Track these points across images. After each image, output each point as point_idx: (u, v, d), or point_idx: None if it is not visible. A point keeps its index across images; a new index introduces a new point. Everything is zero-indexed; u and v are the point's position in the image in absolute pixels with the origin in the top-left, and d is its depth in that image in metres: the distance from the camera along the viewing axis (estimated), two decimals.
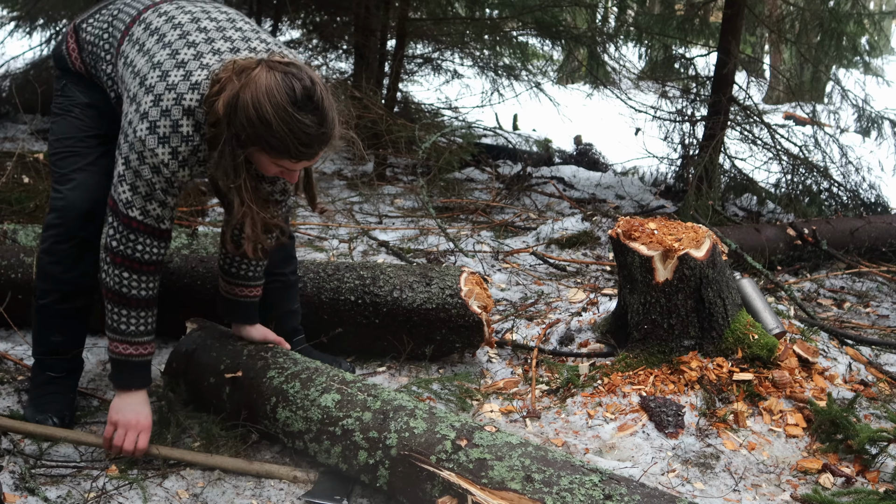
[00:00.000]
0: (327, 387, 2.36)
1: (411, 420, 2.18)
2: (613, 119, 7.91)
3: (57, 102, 2.47)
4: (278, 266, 2.78)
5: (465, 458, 2.04)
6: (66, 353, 2.54)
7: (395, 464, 2.14)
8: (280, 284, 2.81)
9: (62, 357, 2.54)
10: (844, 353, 3.17)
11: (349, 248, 4.55)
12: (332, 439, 2.27)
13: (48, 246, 2.44)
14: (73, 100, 2.43)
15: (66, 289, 2.46)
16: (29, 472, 2.22)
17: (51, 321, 2.51)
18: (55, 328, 2.52)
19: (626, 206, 6.16)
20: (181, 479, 2.30)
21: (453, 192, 5.87)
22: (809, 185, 5.84)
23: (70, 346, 2.55)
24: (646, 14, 7.57)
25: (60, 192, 2.40)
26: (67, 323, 2.53)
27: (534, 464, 2.00)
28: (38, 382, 2.55)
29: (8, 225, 3.66)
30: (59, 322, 2.51)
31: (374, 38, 6.56)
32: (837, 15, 6.16)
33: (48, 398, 2.51)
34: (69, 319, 2.52)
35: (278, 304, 2.83)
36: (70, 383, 2.57)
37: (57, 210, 2.40)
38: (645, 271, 2.86)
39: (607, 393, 2.83)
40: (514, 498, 1.93)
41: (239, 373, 2.50)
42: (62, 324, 2.52)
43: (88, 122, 2.42)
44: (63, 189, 2.39)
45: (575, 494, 1.90)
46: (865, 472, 2.52)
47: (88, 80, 2.42)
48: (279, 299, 2.83)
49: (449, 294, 3.03)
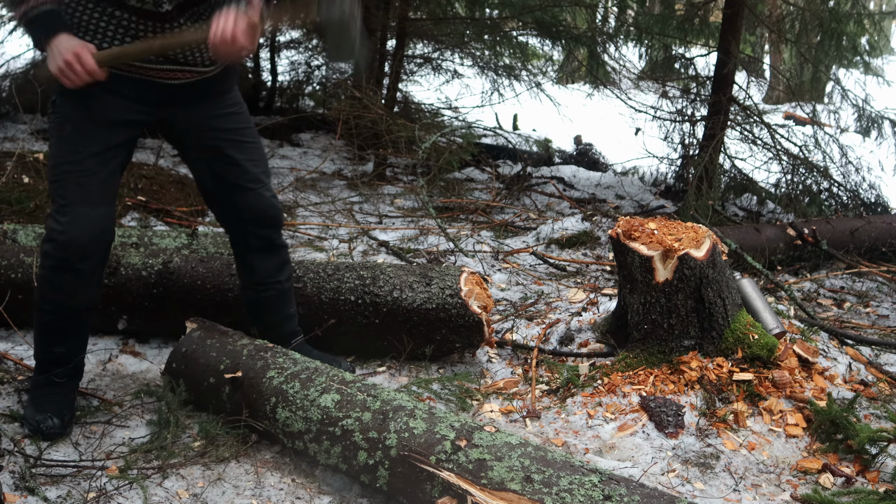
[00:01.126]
0: (327, 387, 2.36)
1: (411, 420, 2.18)
2: (613, 119, 7.91)
3: (51, 121, 2.40)
4: (273, 274, 2.76)
5: (465, 458, 2.04)
6: (68, 361, 2.52)
7: (395, 464, 2.14)
8: (275, 292, 2.79)
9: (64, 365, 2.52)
10: (844, 353, 3.17)
11: (349, 248, 4.55)
12: (331, 439, 2.27)
13: (47, 274, 2.39)
14: (66, 115, 2.36)
15: (68, 310, 2.45)
16: (29, 472, 2.22)
17: (52, 335, 2.49)
18: (57, 341, 2.49)
19: (626, 206, 6.16)
20: (181, 479, 2.30)
21: (453, 192, 5.87)
22: (809, 185, 5.84)
23: (72, 356, 2.53)
24: (646, 14, 7.57)
25: (60, 224, 2.34)
26: (70, 336, 2.51)
27: (533, 464, 2.00)
28: (39, 383, 2.54)
29: (8, 225, 3.66)
30: (60, 335, 2.49)
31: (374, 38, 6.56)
32: (837, 15, 6.15)
33: (48, 398, 2.50)
34: (71, 333, 2.51)
35: (275, 310, 2.83)
36: (71, 385, 2.56)
37: (55, 242, 2.35)
38: (645, 271, 2.86)
39: (607, 393, 2.83)
40: (513, 498, 1.93)
41: (239, 373, 2.50)
42: (64, 337, 2.50)
43: (84, 139, 2.35)
44: (63, 222, 2.34)
45: (574, 495, 1.90)
46: (865, 472, 2.52)
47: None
48: (276, 306, 2.82)
49: (449, 294, 3.02)
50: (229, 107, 2.57)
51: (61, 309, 2.44)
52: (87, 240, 2.36)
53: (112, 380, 2.90)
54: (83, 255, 2.36)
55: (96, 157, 2.36)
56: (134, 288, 3.09)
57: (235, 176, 2.58)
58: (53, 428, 2.44)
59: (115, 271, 3.10)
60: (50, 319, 2.46)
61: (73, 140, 2.35)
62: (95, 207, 2.37)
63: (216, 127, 2.54)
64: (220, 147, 2.55)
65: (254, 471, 2.37)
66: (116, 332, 3.20)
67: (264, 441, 2.48)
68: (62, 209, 2.35)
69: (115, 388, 2.84)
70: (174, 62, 2.38)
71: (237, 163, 2.57)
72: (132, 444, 2.47)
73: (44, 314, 2.46)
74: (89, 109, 2.35)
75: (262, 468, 2.38)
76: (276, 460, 2.43)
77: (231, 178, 2.58)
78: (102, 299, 3.08)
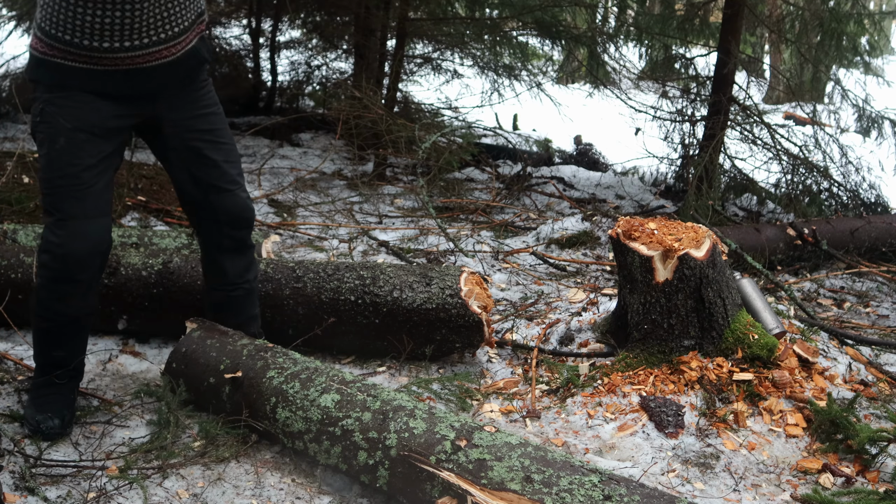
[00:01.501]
0: (327, 387, 2.36)
1: (411, 420, 2.18)
2: (613, 119, 7.90)
3: (39, 132, 2.36)
4: (241, 275, 2.75)
5: (465, 458, 2.04)
6: (68, 364, 2.52)
7: (395, 464, 2.14)
8: (243, 292, 2.78)
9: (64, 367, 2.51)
10: (844, 353, 3.17)
11: (349, 248, 4.55)
12: (331, 439, 2.27)
13: (46, 283, 2.39)
14: (57, 127, 2.33)
15: (67, 318, 2.45)
16: (29, 472, 2.22)
17: (51, 340, 2.49)
18: (56, 346, 2.49)
19: (626, 206, 6.16)
20: (181, 479, 2.30)
21: (453, 192, 5.87)
22: (809, 185, 5.84)
23: (72, 358, 2.52)
24: (646, 14, 7.56)
25: (58, 237, 2.33)
26: (69, 340, 2.50)
27: (533, 464, 2.00)
28: (39, 384, 2.53)
29: (8, 225, 3.66)
30: (59, 340, 2.49)
31: (374, 38, 6.56)
32: (838, 15, 6.15)
33: (48, 399, 2.50)
34: (70, 337, 2.50)
35: (241, 311, 2.82)
36: (71, 385, 2.56)
37: (53, 254, 2.35)
38: (645, 271, 2.86)
39: (607, 393, 2.83)
40: (513, 498, 1.93)
41: (239, 373, 2.50)
42: (63, 341, 2.49)
43: (79, 152, 2.33)
44: (60, 235, 2.33)
45: (574, 495, 1.90)
46: (865, 472, 2.52)
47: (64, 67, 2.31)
48: (243, 306, 2.81)
49: (449, 294, 3.02)
50: (206, 107, 2.57)
51: (60, 316, 2.44)
52: (86, 252, 2.36)
53: (112, 380, 2.90)
54: (82, 267, 2.37)
55: (92, 170, 2.35)
56: (134, 288, 3.09)
57: (214, 177, 2.58)
58: (54, 428, 2.44)
59: (115, 271, 3.10)
60: (49, 326, 2.46)
61: (68, 153, 2.32)
62: (93, 220, 2.37)
63: (195, 128, 2.54)
64: (199, 148, 2.55)
65: (254, 471, 2.37)
66: (116, 332, 3.20)
67: (264, 441, 2.48)
68: (59, 223, 2.34)
69: (115, 388, 2.84)
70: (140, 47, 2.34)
71: (215, 164, 2.57)
72: (132, 444, 2.47)
73: (42, 321, 2.46)
74: (80, 119, 2.33)
75: (262, 468, 2.38)
76: (276, 460, 2.43)
77: (209, 180, 2.58)
78: (102, 299, 3.10)
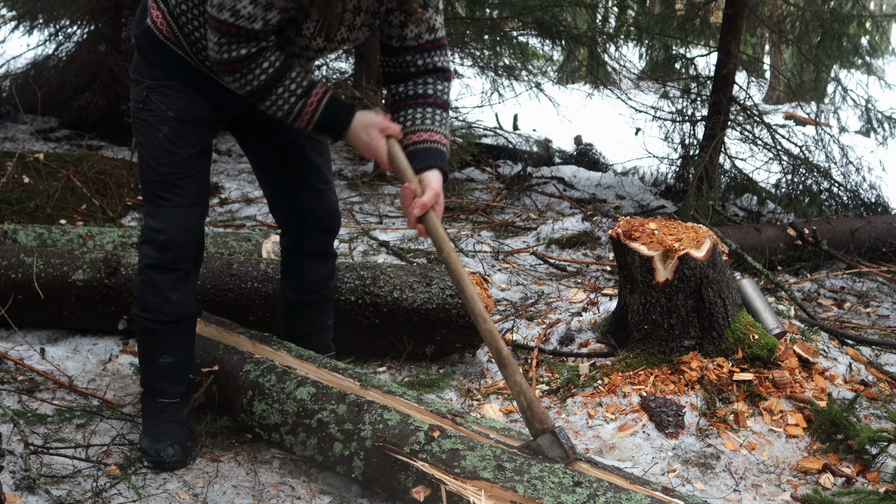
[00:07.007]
0: (302, 380, 2.38)
1: (385, 412, 2.23)
2: (613, 119, 7.90)
3: (141, 118, 2.35)
4: (320, 282, 2.68)
5: (438, 448, 2.09)
6: (176, 375, 2.44)
7: (370, 455, 2.18)
8: (319, 297, 2.70)
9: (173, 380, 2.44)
10: (845, 353, 3.17)
11: (349, 248, 4.55)
12: (307, 431, 2.31)
13: (148, 278, 2.36)
14: (161, 115, 2.32)
15: (169, 317, 2.39)
16: (29, 472, 2.22)
17: (156, 342, 2.41)
18: (162, 349, 2.41)
19: (627, 206, 6.16)
20: (181, 479, 2.30)
21: (453, 192, 5.87)
22: (810, 185, 5.84)
23: (180, 367, 2.45)
24: (646, 14, 7.57)
25: (160, 225, 2.33)
26: (174, 343, 2.43)
27: (505, 453, 2.04)
28: (152, 412, 2.43)
29: (8, 225, 3.66)
30: (165, 343, 2.41)
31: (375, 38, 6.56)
32: (838, 16, 6.15)
33: (164, 427, 2.39)
34: (175, 338, 2.43)
35: (312, 319, 2.73)
36: (183, 404, 2.47)
37: (155, 243, 2.33)
38: (645, 271, 2.86)
39: (607, 393, 2.83)
40: (486, 486, 1.97)
41: (215, 367, 2.52)
42: (169, 344, 2.42)
43: (180, 142, 2.33)
44: (163, 222, 2.32)
45: (545, 482, 1.94)
46: (865, 472, 2.52)
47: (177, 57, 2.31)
48: (315, 313, 2.73)
49: (449, 294, 3.03)
50: None
51: (163, 315, 2.38)
52: (186, 240, 2.36)
53: (112, 380, 2.90)
54: (182, 256, 2.36)
55: (193, 159, 2.36)
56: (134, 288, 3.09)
57: (309, 176, 2.54)
58: (174, 456, 2.35)
59: (115, 271, 3.10)
60: (153, 328, 2.39)
61: (171, 141, 2.32)
62: (192, 207, 2.38)
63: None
64: (301, 146, 2.50)
65: (253, 471, 2.37)
66: (116, 332, 3.20)
67: (264, 441, 2.48)
68: (160, 210, 2.34)
69: (115, 388, 2.84)
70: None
71: (312, 162, 2.53)
72: (132, 444, 2.46)
73: (145, 321, 2.40)
74: (183, 110, 2.33)
75: (262, 468, 2.39)
76: (275, 460, 2.43)
77: (304, 179, 2.54)
78: (102, 299, 3.10)
